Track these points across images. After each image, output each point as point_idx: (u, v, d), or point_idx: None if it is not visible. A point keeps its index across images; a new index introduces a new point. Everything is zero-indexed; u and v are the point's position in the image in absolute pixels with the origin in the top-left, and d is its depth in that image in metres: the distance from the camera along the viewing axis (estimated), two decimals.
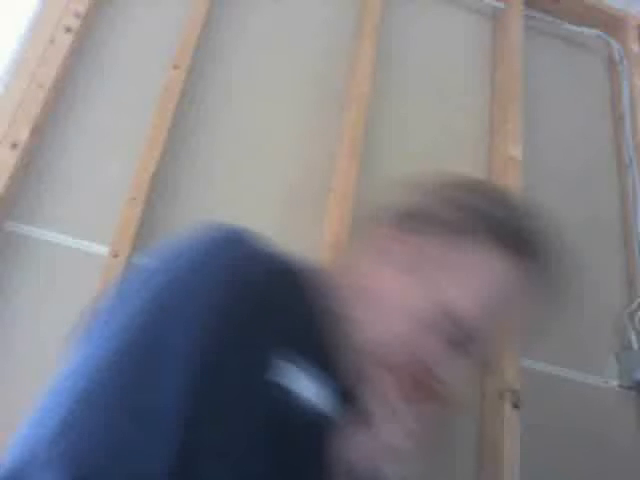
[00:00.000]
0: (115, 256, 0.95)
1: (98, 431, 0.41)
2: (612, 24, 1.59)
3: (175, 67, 1.13)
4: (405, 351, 0.53)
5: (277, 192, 1.15)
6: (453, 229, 0.55)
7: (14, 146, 0.97)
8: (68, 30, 1.07)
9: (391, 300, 0.55)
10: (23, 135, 0.98)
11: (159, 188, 1.07)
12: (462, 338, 0.53)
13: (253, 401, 0.46)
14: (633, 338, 1.23)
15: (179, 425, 0.42)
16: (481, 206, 0.57)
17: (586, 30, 1.58)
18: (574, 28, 1.57)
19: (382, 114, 1.29)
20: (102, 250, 0.99)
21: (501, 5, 1.50)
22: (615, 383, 1.21)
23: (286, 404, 0.47)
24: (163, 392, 0.43)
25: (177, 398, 0.43)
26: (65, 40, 1.07)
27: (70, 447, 0.40)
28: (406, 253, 0.56)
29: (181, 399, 0.43)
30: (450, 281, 0.54)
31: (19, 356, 0.92)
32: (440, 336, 0.53)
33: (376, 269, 0.58)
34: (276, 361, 0.47)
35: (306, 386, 0.49)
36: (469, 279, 0.54)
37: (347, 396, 0.58)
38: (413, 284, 0.55)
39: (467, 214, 0.56)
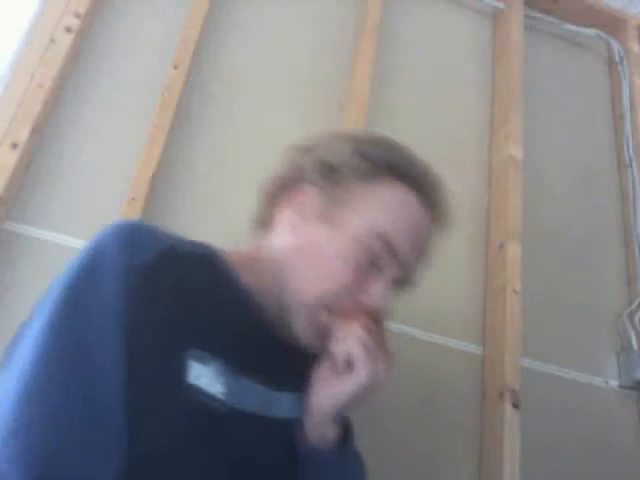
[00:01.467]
0: None
1: (47, 429, 0.44)
2: (612, 24, 1.59)
3: (175, 67, 1.13)
4: (350, 291, 0.59)
5: None
6: (361, 175, 0.63)
7: (14, 146, 0.97)
8: (68, 30, 1.07)
9: (325, 251, 0.61)
10: (23, 135, 0.98)
11: (159, 188, 1.06)
12: (392, 258, 0.60)
13: (166, 399, 0.50)
14: (633, 338, 1.23)
15: (119, 412, 0.47)
16: (379, 153, 0.64)
17: (586, 30, 1.58)
18: (574, 28, 1.57)
19: (382, 114, 1.29)
20: None
21: (501, 5, 1.50)
22: (615, 383, 1.21)
23: (194, 401, 0.51)
24: (98, 383, 0.47)
25: (113, 386, 0.47)
26: (65, 40, 1.07)
27: (23, 448, 0.42)
28: (325, 203, 0.63)
29: (116, 387, 0.47)
30: (372, 213, 0.61)
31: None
32: (374, 265, 0.60)
33: (300, 227, 0.63)
34: (186, 360, 0.52)
35: (211, 383, 0.53)
36: (387, 209, 0.62)
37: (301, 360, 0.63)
38: (340, 228, 0.61)
39: (370, 161, 0.63)
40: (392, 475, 1.01)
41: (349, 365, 0.57)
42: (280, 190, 0.68)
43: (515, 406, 1.04)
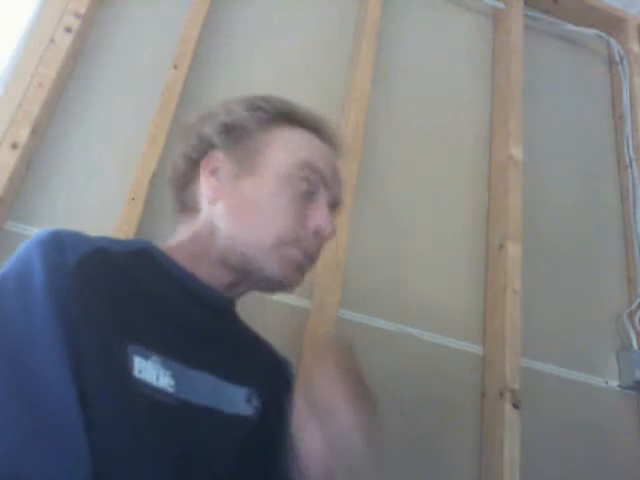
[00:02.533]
0: None
1: None
2: (612, 24, 1.59)
3: (175, 67, 1.13)
4: (300, 222, 0.61)
5: None
6: (261, 125, 0.66)
7: (14, 146, 0.97)
8: (68, 30, 1.07)
9: (260, 199, 0.62)
10: (23, 135, 0.98)
11: (159, 188, 1.06)
12: (321, 183, 0.64)
13: (113, 394, 0.50)
14: (633, 338, 1.23)
15: (73, 421, 0.45)
16: (270, 105, 0.67)
17: (586, 30, 1.58)
18: (574, 28, 1.57)
19: (382, 114, 1.29)
20: None
21: (501, 5, 1.50)
22: (615, 383, 1.21)
23: (141, 395, 0.51)
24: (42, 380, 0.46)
25: (61, 395, 0.46)
26: (65, 40, 1.07)
27: None
28: (239, 160, 0.64)
29: (65, 395, 0.46)
30: (287, 151, 0.64)
31: None
32: (309, 194, 0.63)
33: (225, 190, 0.64)
34: (131, 355, 0.52)
35: (158, 376, 0.53)
36: (297, 145, 0.65)
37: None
38: (263, 174, 0.63)
39: (265, 112, 0.67)
40: (392, 474, 1.01)
41: (328, 412, 0.55)
42: (191, 166, 0.68)
43: (515, 406, 1.04)
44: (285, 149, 0.65)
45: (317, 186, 0.64)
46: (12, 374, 0.46)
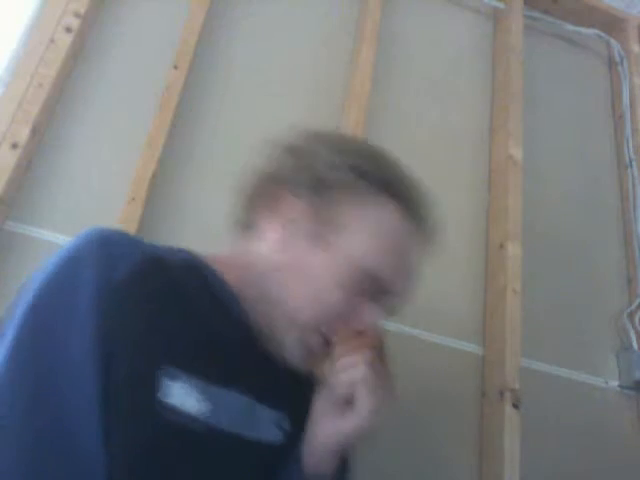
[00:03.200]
0: None
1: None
2: (612, 24, 1.59)
3: (175, 67, 1.13)
4: (342, 315, 0.57)
5: None
6: (354, 194, 0.59)
7: (14, 146, 0.97)
8: (68, 30, 1.07)
9: (318, 274, 0.58)
10: (23, 135, 0.98)
11: (159, 188, 1.06)
12: (379, 289, 0.59)
13: (137, 418, 0.49)
14: (633, 338, 1.23)
15: (97, 459, 0.44)
16: (374, 171, 0.60)
17: (586, 30, 1.58)
18: (574, 28, 1.57)
19: (382, 114, 1.29)
20: None
21: (501, 5, 1.50)
22: (615, 383, 1.21)
23: (166, 420, 0.49)
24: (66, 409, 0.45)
25: (87, 424, 0.45)
26: (65, 40, 1.07)
27: None
28: (316, 223, 0.59)
29: (91, 426, 0.45)
30: (366, 242, 0.59)
31: None
32: (362, 294, 0.58)
33: (290, 245, 0.60)
34: (161, 378, 0.50)
35: (186, 400, 0.51)
36: (380, 236, 0.59)
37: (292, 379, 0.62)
38: (333, 252, 0.58)
39: (364, 180, 0.59)
40: (392, 474, 1.01)
41: (350, 401, 0.55)
42: (262, 191, 0.64)
43: (515, 406, 1.04)
44: (367, 237, 0.59)
45: (379, 292, 0.60)
46: (43, 400, 0.45)
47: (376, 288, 0.59)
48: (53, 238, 0.99)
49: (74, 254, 0.51)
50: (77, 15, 1.09)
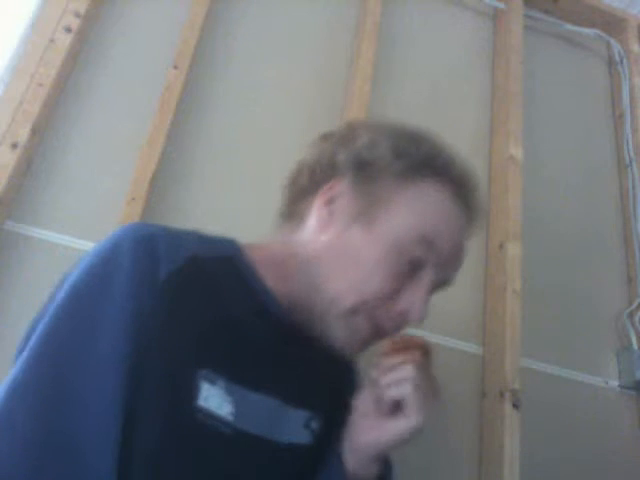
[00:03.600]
0: None
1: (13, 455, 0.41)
2: (612, 24, 1.59)
3: (175, 67, 1.13)
4: (388, 298, 0.56)
5: (278, 191, 1.15)
6: (399, 173, 0.58)
7: (14, 146, 0.97)
8: (68, 30, 1.07)
9: (363, 255, 0.56)
10: (23, 135, 0.98)
11: (159, 188, 1.06)
12: (433, 262, 0.57)
13: (177, 420, 0.48)
14: (633, 338, 1.23)
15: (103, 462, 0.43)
16: (418, 151, 0.60)
17: (586, 30, 1.58)
18: (574, 28, 1.57)
19: (382, 114, 1.29)
20: None
21: (501, 5, 1.50)
22: (615, 383, 1.21)
23: (200, 424, 0.49)
24: (86, 408, 0.44)
25: (102, 410, 0.44)
26: (65, 40, 1.06)
27: None
28: (361, 203, 0.58)
29: (106, 410, 0.44)
30: (412, 216, 0.57)
31: None
32: (414, 270, 0.56)
33: (334, 226, 0.58)
34: (199, 382, 0.49)
35: (221, 403, 0.50)
36: (426, 211, 0.58)
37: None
38: (378, 231, 0.56)
39: (408, 159, 0.59)
40: None
41: (398, 407, 0.54)
42: (310, 182, 0.63)
43: (515, 406, 1.04)
44: (411, 211, 0.57)
45: (427, 263, 0.57)
46: (59, 402, 0.44)
47: (428, 256, 0.56)
48: (53, 238, 0.99)
49: (120, 245, 0.50)
50: (77, 15, 1.09)
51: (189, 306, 0.51)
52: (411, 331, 1.12)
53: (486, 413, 1.09)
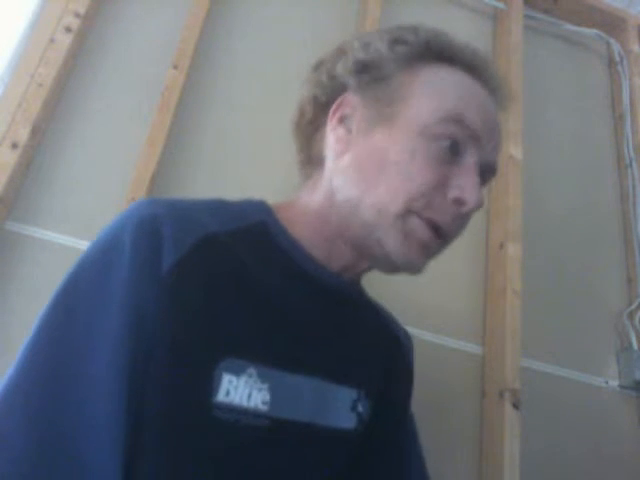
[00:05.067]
0: None
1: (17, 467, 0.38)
2: (612, 24, 1.59)
3: (175, 67, 1.13)
4: (436, 189, 0.50)
5: (278, 191, 1.15)
6: (405, 63, 0.54)
7: (14, 146, 0.97)
8: (68, 30, 1.07)
9: (392, 154, 0.51)
10: (23, 135, 0.98)
11: (159, 188, 1.06)
12: (470, 140, 0.51)
13: (192, 420, 0.44)
14: (633, 338, 1.23)
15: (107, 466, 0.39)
16: (418, 36, 0.55)
17: (586, 30, 1.58)
18: (574, 28, 1.57)
19: None
20: None
21: (501, 5, 1.50)
22: (615, 383, 1.21)
23: (223, 422, 0.45)
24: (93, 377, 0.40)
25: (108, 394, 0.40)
26: (65, 40, 1.07)
27: None
28: (374, 105, 0.54)
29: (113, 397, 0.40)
30: (433, 98, 0.52)
31: None
32: (453, 154, 0.51)
33: (353, 141, 0.54)
34: (218, 375, 0.45)
35: (249, 394, 0.46)
36: (447, 90, 0.53)
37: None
38: (400, 124, 0.52)
39: (410, 46, 0.55)
40: None
41: None
42: (320, 110, 0.58)
43: (515, 406, 1.04)
44: (430, 95, 0.52)
45: (466, 144, 0.51)
46: (58, 400, 0.40)
47: (462, 134, 0.51)
48: (53, 238, 0.99)
49: (115, 234, 0.46)
50: (77, 15, 1.09)
51: (199, 294, 0.46)
52: (411, 331, 1.13)
53: (486, 413, 1.09)
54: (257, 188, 1.14)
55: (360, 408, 0.56)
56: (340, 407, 0.54)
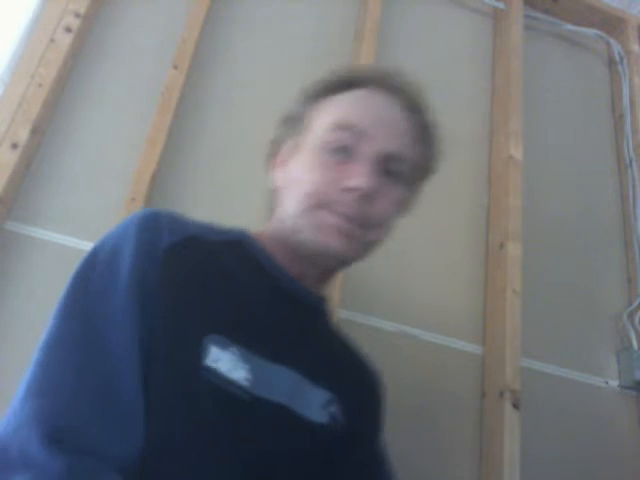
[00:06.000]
0: None
1: (61, 391, 0.45)
2: (612, 24, 1.59)
3: (175, 67, 1.13)
4: (331, 183, 0.59)
5: None
6: (313, 100, 0.67)
7: (14, 146, 0.97)
8: (68, 30, 1.07)
9: (297, 171, 0.63)
10: (23, 135, 0.98)
11: (159, 188, 1.06)
12: (358, 137, 0.60)
13: (184, 379, 0.50)
14: (633, 338, 1.23)
15: (134, 393, 0.47)
16: (329, 78, 0.68)
17: (586, 30, 1.58)
18: (574, 28, 1.57)
19: None
20: None
21: (501, 5, 1.50)
22: (615, 383, 1.21)
23: (211, 385, 0.50)
24: (111, 355, 0.48)
25: (126, 367, 0.48)
26: (65, 40, 1.07)
27: (37, 408, 0.43)
28: (293, 142, 0.66)
29: (129, 368, 0.48)
30: (325, 117, 0.63)
31: (19, 356, 0.92)
32: (345, 153, 0.60)
33: (282, 174, 0.67)
34: (208, 345, 0.51)
35: (233, 368, 0.52)
36: (339, 107, 0.64)
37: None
38: (304, 148, 0.63)
39: (321, 87, 0.68)
40: None
41: None
42: (271, 157, 0.72)
43: (515, 406, 1.04)
44: (325, 116, 0.63)
45: (358, 143, 0.60)
46: (89, 344, 0.48)
47: (347, 134, 0.60)
48: (53, 238, 0.99)
49: (126, 225, 0.55)
50: (77, 15, 1.09)
51: (192, 274, 0.54)
52: (411, 331, 1.13)
53: (486, 413, 1.09)
54: (257, 187, 1.13)
55: (332, 409, 0.60)
56: (313, 403, 0.59)
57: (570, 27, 1.57)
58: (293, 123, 0.67)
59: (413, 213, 1.24)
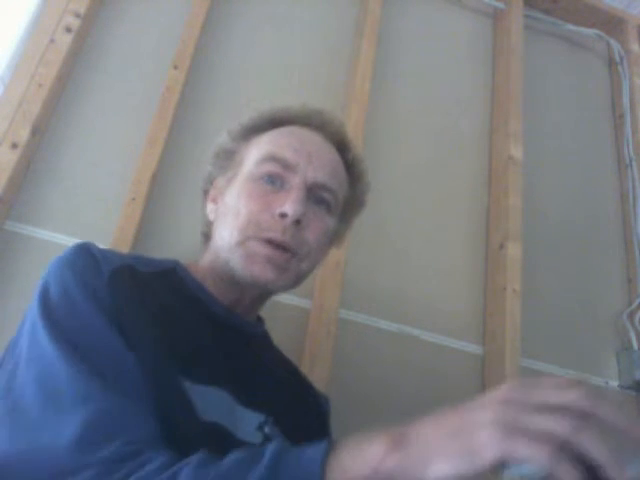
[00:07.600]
0: None
1: (93, 398, 0.46)
2: (612, 24, 1.59)
3: (175, 67, 1.13)
4: (263, 213, 0.62)
5: None
6: (242, 138, 0.71)
7: (14, 146, 0.97)
8: (68, 30, 1.07)
9: (230, 205, 0.65)
10: (23, 135, 0.98)
11: (159, 188, 1.06)
12: (285, 169, 0.64)
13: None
14: (633, 338, 1.23)
15: (142, 386, 0.49)
16: (256, 116, 0.72)
17: (586, 30, 1.58)
18: (574, 28, 1.57)
19: (382, 114, 1.29)
20: None
21: (501, 5, 1.50)
22: (615, 383, 1.21)
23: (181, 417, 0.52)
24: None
25: (129, 364, 0.50)
26: (65, 40, 1.06)
27: (84, 418, 0.44)
28: (226, 179, 0.69)
29: (131, 364, 0.50)
30: (254, 153, 0.67)
31: None
32: (275, 184, 0.64)
33: (216, 209, 0.70)
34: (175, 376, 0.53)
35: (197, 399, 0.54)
36: (265, 143, 0.68)
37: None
38: (236, 183, 0.66)
39: (249, 125, 0.71)
40: None
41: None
42: (206, 193, 0.75)
43: None
44: (255, 151, 0.67)
45: (287, 174, 0.64)
46: (87, 349, 0.49)
47: (274, 166, 0.64)
48: (53, 238, 0.99)
49: (61, 273, 0.56)
50: (77, 15, 1.09)
51: (134, 300, 0.56)
52: (411, 331, 1.13)
53: None
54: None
55: (267, 430, 0.61)
56: (249, 426, 0.60)
57: (570, 27, 1.57)
58: (225, 159, 0.70)
59: (413, 213, 1.24)
